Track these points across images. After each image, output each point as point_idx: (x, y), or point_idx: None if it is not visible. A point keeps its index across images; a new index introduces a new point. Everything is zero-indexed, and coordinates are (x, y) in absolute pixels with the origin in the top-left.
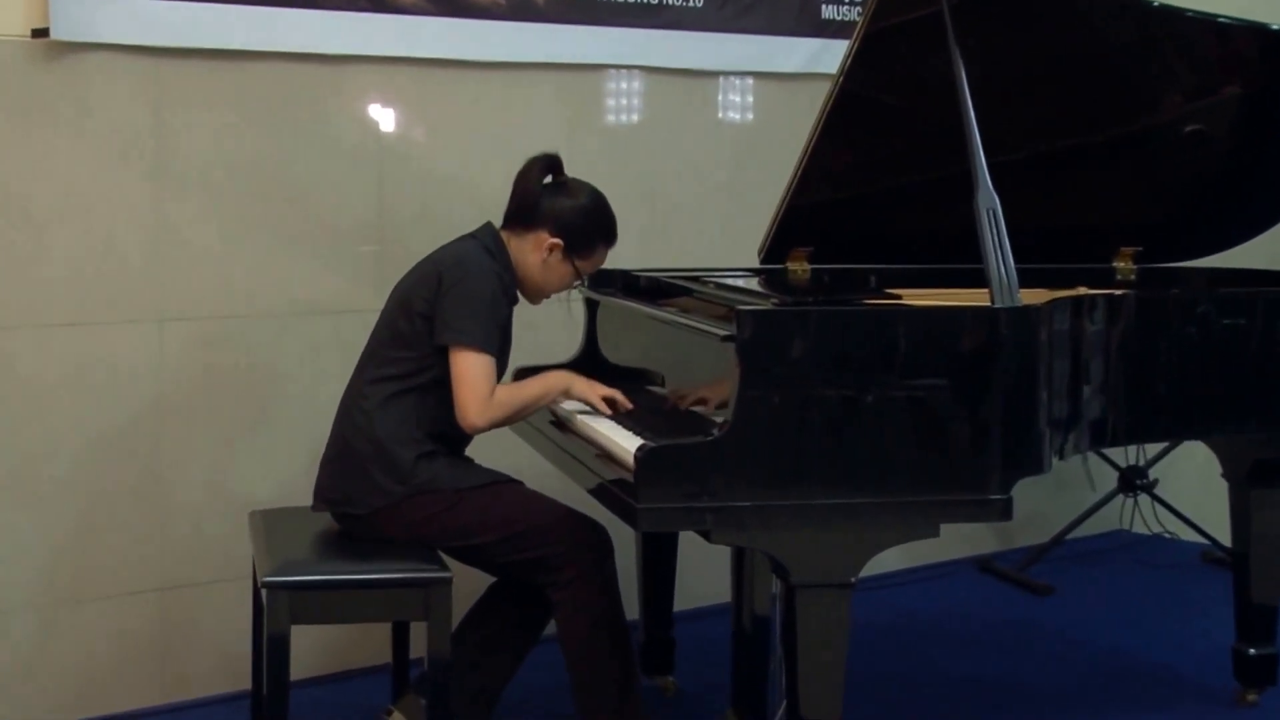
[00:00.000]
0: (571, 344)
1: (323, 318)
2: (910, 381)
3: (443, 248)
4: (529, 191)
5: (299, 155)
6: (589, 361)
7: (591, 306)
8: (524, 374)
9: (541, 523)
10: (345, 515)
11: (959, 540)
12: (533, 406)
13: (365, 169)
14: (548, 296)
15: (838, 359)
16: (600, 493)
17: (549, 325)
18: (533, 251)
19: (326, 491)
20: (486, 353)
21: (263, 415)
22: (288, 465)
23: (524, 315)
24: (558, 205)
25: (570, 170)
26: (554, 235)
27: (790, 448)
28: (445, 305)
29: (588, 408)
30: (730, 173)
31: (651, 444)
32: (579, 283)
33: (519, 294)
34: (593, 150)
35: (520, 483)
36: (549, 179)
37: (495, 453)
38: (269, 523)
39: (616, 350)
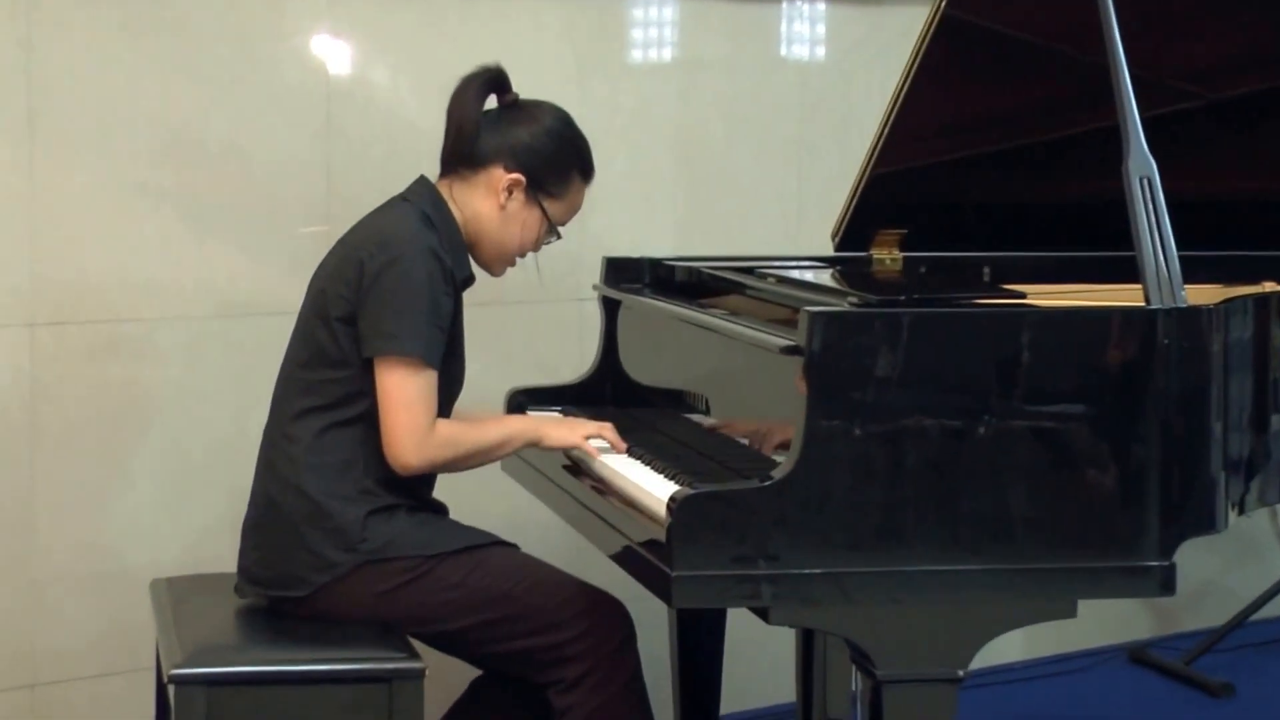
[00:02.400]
0: (582, 357)
1: (251, 322)
2: (1038, 409)
3: (364, 221)
4: (469, 119)
5: (219, 104)
6: (606, 381)
7: (610, 308)
8: (520, 399)
9: (542, 601)
10: (281, 600)
11: (1104, 622)
12: (486, 456)
13: (308, 122)
14: (512, 262)
15: (940, 378)
16: (624, 557)
17: (552, 333)
18: (485, 198)
19: (253, 570)
20: (424, 364)
21: (169, 451)
22: (203, 517)
23: (520, 322)
24: (511, 133)
25: (584, 127)
26: (511, 170)
27: (875, 497)
28: (370, 304)
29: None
30: (794, 129)
31: (690, 491)
32: (552, 236)
33: (473, 265)
34: (611, 100)
35: (513, 546)
36: (493, 100)
37: (480, 500)
38: (178, 595)
39: (643, 366)
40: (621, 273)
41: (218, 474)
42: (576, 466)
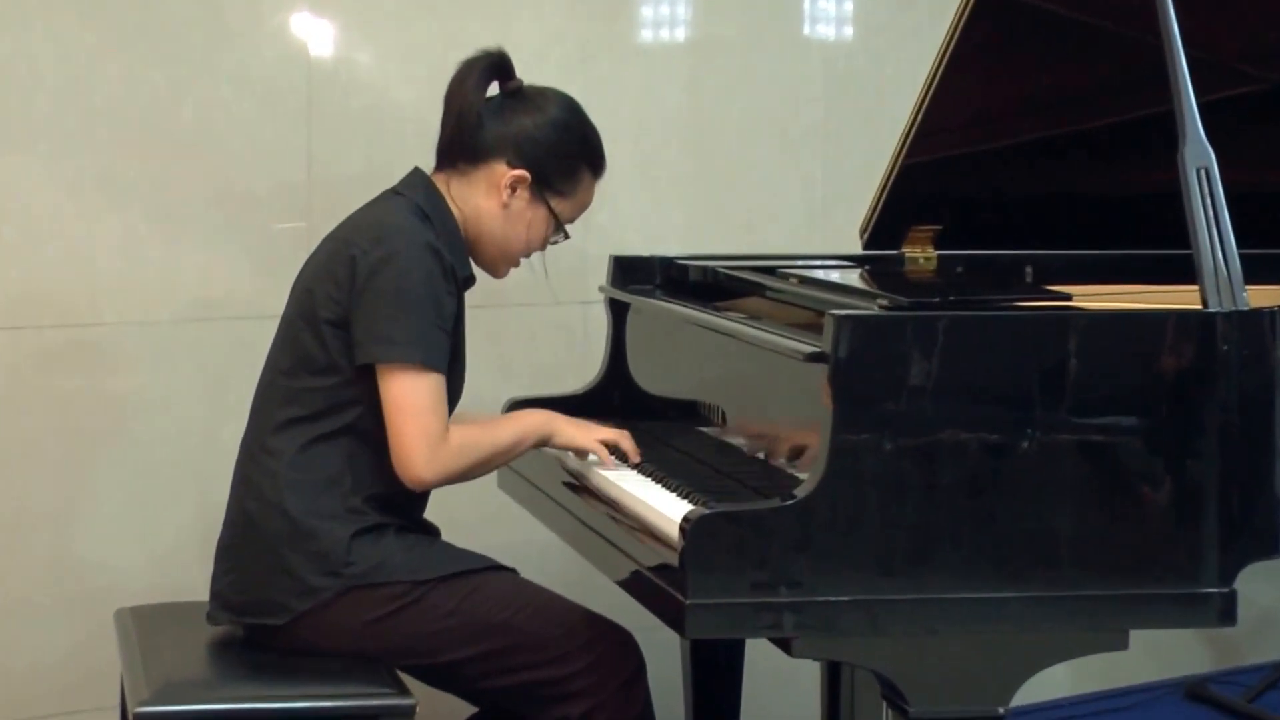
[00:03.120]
0: (587, 365)
1: (223, 326)
2: (1086, 421)
3: (354, 216)
4: (470, 109)
5: (189, 88)
6: (614, 391)
7: (617, 311)
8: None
9: (544, 630)
10: (258, 628)
11: (1158, 655)
12: (502, 458)
13: (286, 107)
14: (516, 263)
15: (978, 388)
16: (632, 583)
17: (554, 338)
18: (486, 195)
19: (227, 595)
20: (432, 370)
21: (135, 467)
22: (172, 539)
23: (519, 326)
24: (514, 124)
25: (592, 119)
26: (515, 166)
27: (907, 517)
28: (365, 306)
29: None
30: (819, 116)
31: (705, 510)
32: (559, 236)
33: (473, 266)
34: (618, 84)
35: (511, 570)
36: (495, 89)
37: (474, 521)
38: (146, 624)
39: (653, 374)
40: (630, 273)
41: (188, 491)
42: (578, 483)
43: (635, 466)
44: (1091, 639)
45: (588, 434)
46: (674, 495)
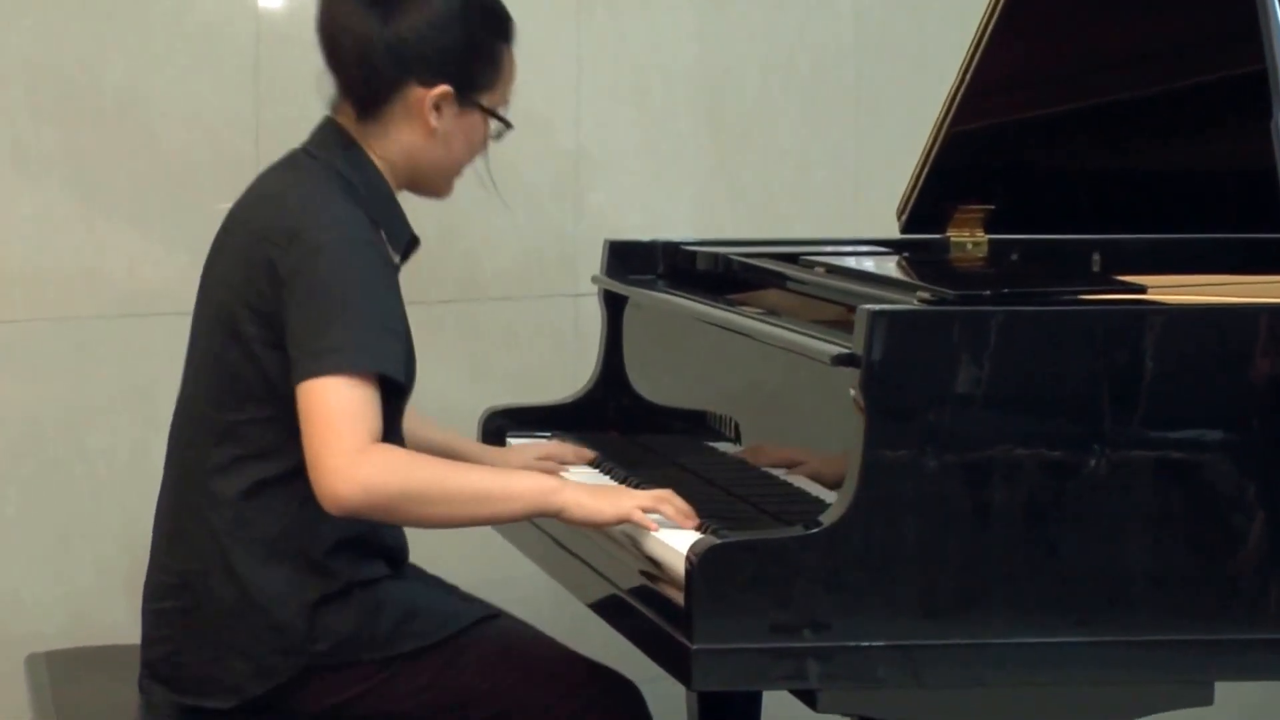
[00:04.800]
0: (578, 368)
1: (157, 324)
2: (1165, 435)
3: (261, 188)
4: (363, 36)
5: (118, 46)
6: (609, 400)
7: (614, 306)
8: (498, 422)
9: (534, 694)
10: (198, 711)
11: (1248, 711)
12: (468, 508)
13: (231, 70)
14: (459, 174)
15: (1037, 396)
16: (630, 626)
17: (540, 338)
18: (408, 127)
19: (160, 665)
20: (360, 374)
21: (51, 488)
22: (93, 574)
23: (498, 323)
24: (411, 33)
25: (585, 84)
26: (430, 83)
27: (953, 548)
28: (293, 318)
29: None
30: (851, 77)
31: (715, 540)
32: (502, 129)
33: (414, 193)
34: (617, 38)
35: (498, 615)
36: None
37: (451, 555)
38: (60, 673)
39: (655, 380)
40: (628, 261)
41: (112, 518)
42: None
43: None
44: (1170, 693)
45: (615, 504)
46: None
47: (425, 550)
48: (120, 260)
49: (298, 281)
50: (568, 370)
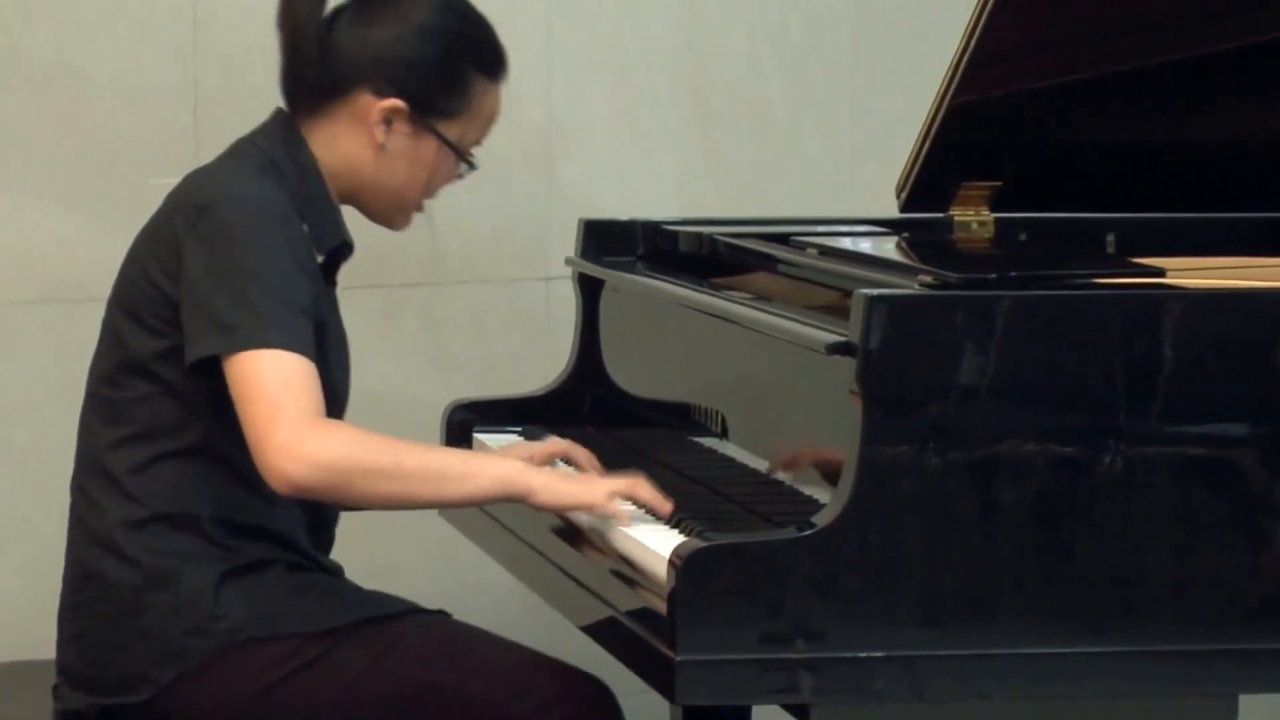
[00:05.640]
0: (549, 360)
1: (87, 310)
2: (1187, 430)
3: (188, 176)
4: (307, 27)
5: (43, 8)
6: (585, 392)
7: (589, 291)
8: (463, 416)
9: (488, 690)
10: (116, 708)
11: None
12: (428, 487)
13: (167, 36)
14: (419, 207)
15: (1048, 388)
16: (608, 635)
17: (509, 325)
18: (353, 137)
19: (74, 666)
20: (290, 351)
21: None
22: (13, 582)
23: (463, 309)
24: (372, 38)
25: (556, 49)
26: (383, 94)
27: (958, 551)
28: (192, 287)
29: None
30: (846, 44)
31: (700, 543)
32: (462, 168)
33: (367, 217)
34: (585, 1)
35: (439, 613)
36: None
37: (403, 559)
38: None
39: (635, 370)
40: (605, 242)
41: (36, 519)
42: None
43: (669, 520)
44: (1192, 707)
45: (586, 489)
46: (661, 524)
47: (381, 553)
48: (48, 241)
49: (202, 253)
50: (539, 360)
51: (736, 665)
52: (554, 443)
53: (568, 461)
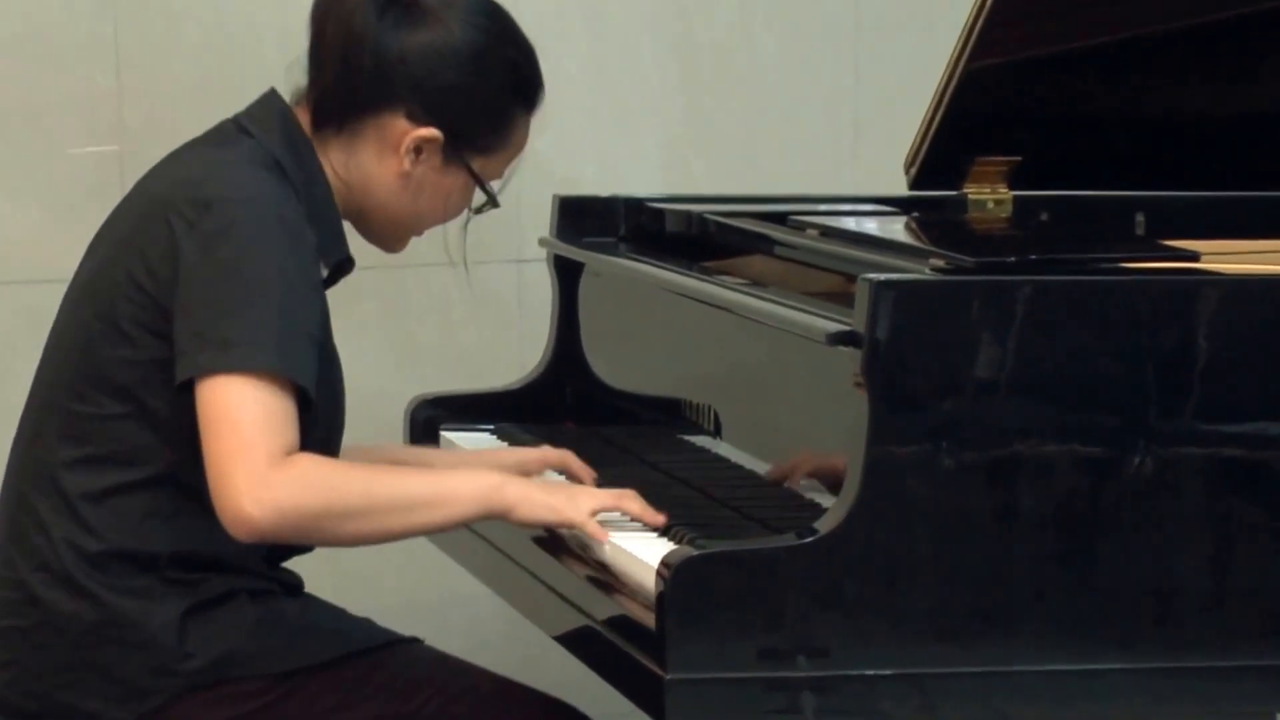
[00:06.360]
0: (524, 348)
1: (8, 292)
2: (1223, 429)
3: (176, 158)
4: (357, 34)
5: None
6: (562, 386)
7: (567, 275)
8: (428, 412)
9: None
10: None
11: None
12: (401, 519)
13: None
14: (418, 232)
15: (1072, 382)
16: (592, 652)
17: (479, 312)
18: (378, 159)
19: (6, 696)
20: (276, 377)
21: None
22: None
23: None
24: (417, 54)
25: (525, 5)
26: (419, 121)
27: (972, 560)
28: (191, 300)
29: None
30: (848, 4)
31: (692, 551)
32: (487, 206)
33: (361, 234)
34: None
35: (414, 641)
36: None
37: (369, 570)
38: None
39: (618, 362)
40: (584, 220)
41: None
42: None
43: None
44: None
45: (567, 503)
46: (649, 530)
47: (344, 566)
48: None
49: (203, 258)
50: (512, 350)
51: (732, 685)
52: (547, 452)
53: (563, 472)
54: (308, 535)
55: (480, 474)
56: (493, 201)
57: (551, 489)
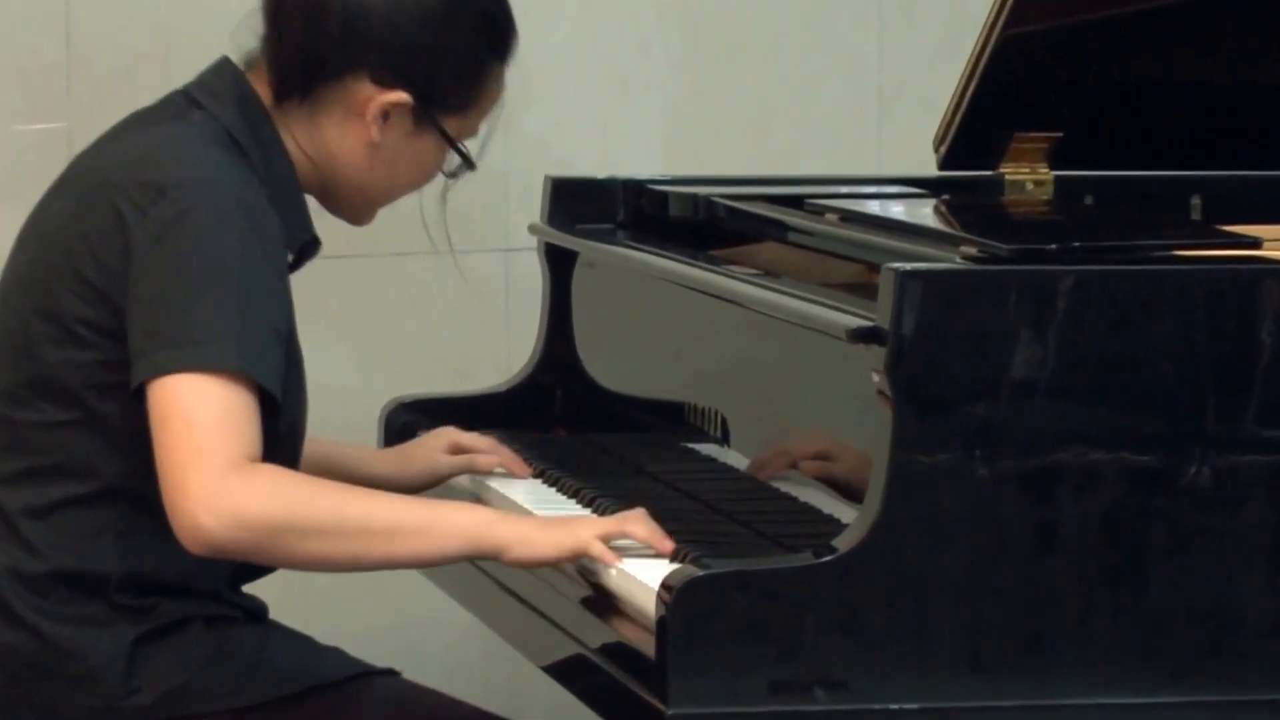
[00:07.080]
0: (512, 346)
1: None
2: None
3: (119, 135)
4: (325, 5)
5: None
6: (554, 388)
7: (558, 265)
8: (405, 417)
9: None
10: None
11: None
12: (363, 545)
13: None
14: (386, 204)
15: (1120, 383)
16: (585, 684)
17: (459, 304)
18: (343, 128)
19: None
20: (237, 376)
21: None
22: None
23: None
24: (381, 14)
25: None
26: (386, 84)
27: (1007, 582)
28: (145, 296)
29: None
30: None
31: (696, 571)
32: (461, 169)
33: (325, 208)
34: None
35: (390, 673)
36: None
37: (341, 592)
38: None
39: (615, 361)
40: (578, 205)
41: None
42: None
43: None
44: None
45: (571, 534)
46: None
47: (311, 588)
48: None
49: (157, 248)
50: (498, 349)
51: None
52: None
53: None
54: (267, 552)
55: (472, 507)
56: (468, 163)
57: (547, 524)
